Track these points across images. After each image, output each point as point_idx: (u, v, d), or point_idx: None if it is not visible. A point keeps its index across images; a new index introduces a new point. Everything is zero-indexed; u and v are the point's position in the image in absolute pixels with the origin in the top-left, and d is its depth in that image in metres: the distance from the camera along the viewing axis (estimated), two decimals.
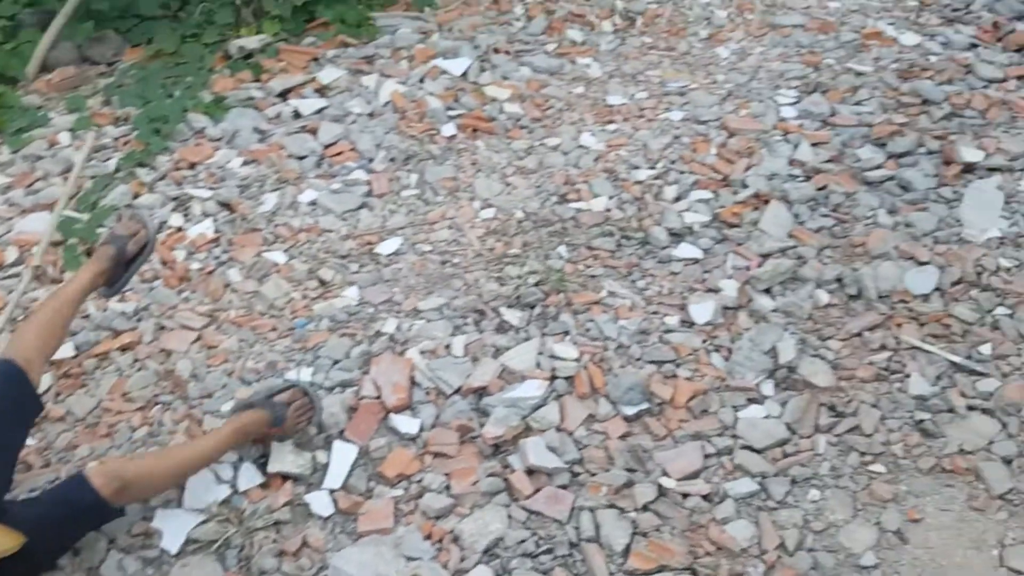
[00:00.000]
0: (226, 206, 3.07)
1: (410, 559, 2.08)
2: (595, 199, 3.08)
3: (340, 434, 2.34)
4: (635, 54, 3.89)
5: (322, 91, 3.58)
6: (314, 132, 3.36)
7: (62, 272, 2.84)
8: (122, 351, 2.59)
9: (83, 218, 2.99)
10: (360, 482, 2.25)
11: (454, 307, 2.69)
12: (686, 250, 2.88)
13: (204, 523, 2.16)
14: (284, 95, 3.57)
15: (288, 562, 2.10)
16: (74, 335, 2.60)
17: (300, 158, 3.26)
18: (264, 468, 2.26)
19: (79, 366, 2.55)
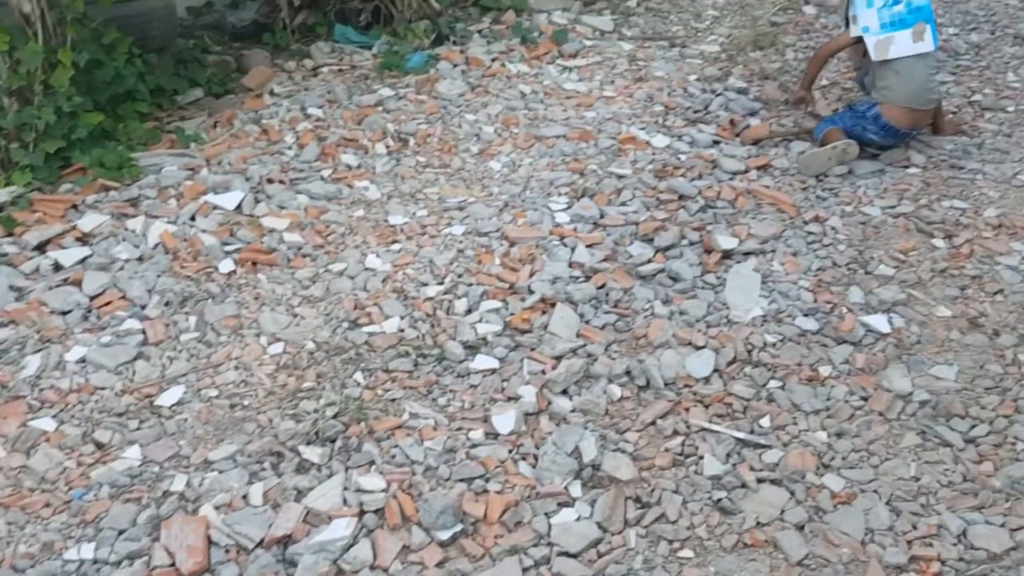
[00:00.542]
0: None
1: None
2: (387, 321, 3.06)
3: None
4: (411, 173, 3.97)
5: (84, 239, 3.39)
6: (78, 283, 3.16)
7: None
8: None
9: None
10: None
11: (248, 453, 2.56)
12: (483, 361, 2.91)
13: None
14: (42, 247, 3.35)
15: None
16: None
17: (64, 313, 3.05)
18: None
19: None
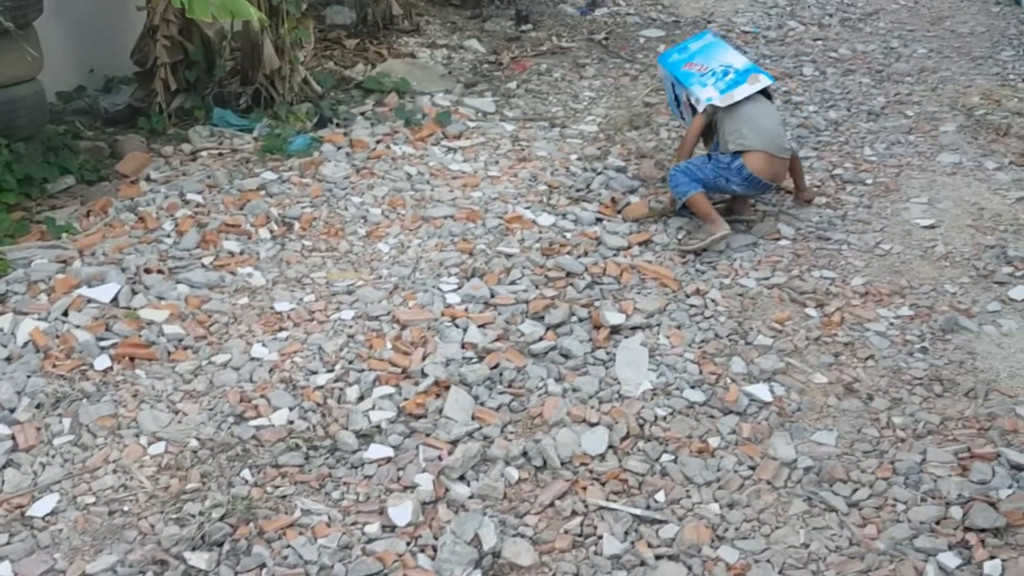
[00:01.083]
0: None
1: None
2: (275, 413, 2.97)
3: None
4: (297, 258, 3.91)
5: None
6: None
7: None
8: None
9: None
10: None
11: (130, 563, 2.41)
12: (377, 450, 2.85)
13: None
14: None
15: None
16: None
17: None
18: None
19: None
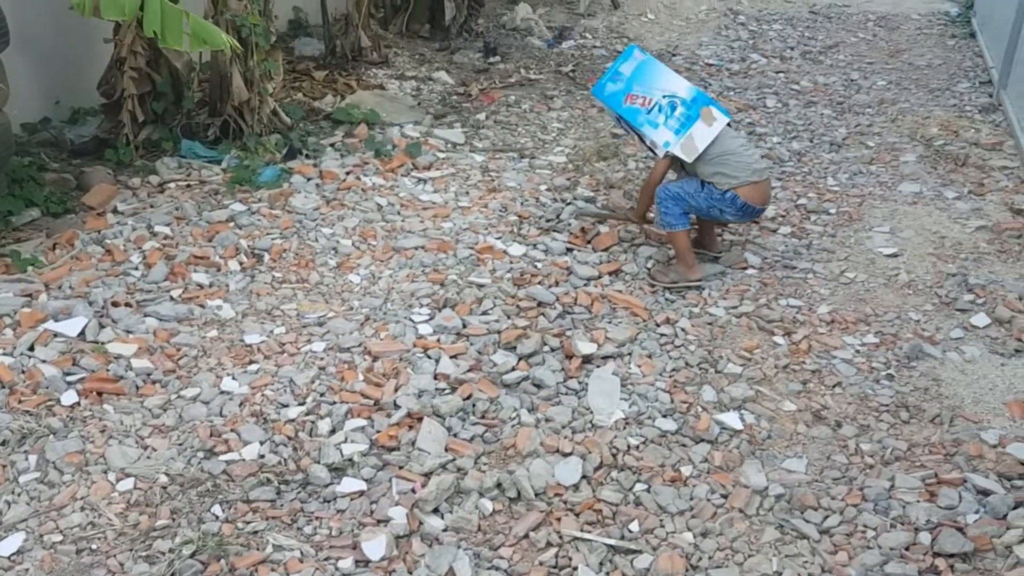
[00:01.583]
0: None
1: None
2: (246, 447, 2.94)
3: None
4: (267, 290, 3.89)
5: None
6: None
7: None
8: None
9: None
10: None
11: None
12: (350, 484, 2.82)
13: None
14: None
15: None
16: None
17: None
18: None
19: None
